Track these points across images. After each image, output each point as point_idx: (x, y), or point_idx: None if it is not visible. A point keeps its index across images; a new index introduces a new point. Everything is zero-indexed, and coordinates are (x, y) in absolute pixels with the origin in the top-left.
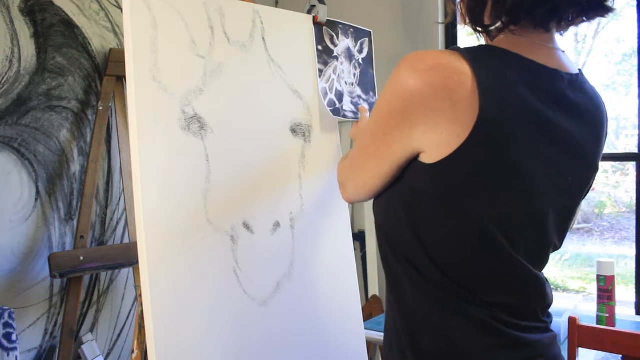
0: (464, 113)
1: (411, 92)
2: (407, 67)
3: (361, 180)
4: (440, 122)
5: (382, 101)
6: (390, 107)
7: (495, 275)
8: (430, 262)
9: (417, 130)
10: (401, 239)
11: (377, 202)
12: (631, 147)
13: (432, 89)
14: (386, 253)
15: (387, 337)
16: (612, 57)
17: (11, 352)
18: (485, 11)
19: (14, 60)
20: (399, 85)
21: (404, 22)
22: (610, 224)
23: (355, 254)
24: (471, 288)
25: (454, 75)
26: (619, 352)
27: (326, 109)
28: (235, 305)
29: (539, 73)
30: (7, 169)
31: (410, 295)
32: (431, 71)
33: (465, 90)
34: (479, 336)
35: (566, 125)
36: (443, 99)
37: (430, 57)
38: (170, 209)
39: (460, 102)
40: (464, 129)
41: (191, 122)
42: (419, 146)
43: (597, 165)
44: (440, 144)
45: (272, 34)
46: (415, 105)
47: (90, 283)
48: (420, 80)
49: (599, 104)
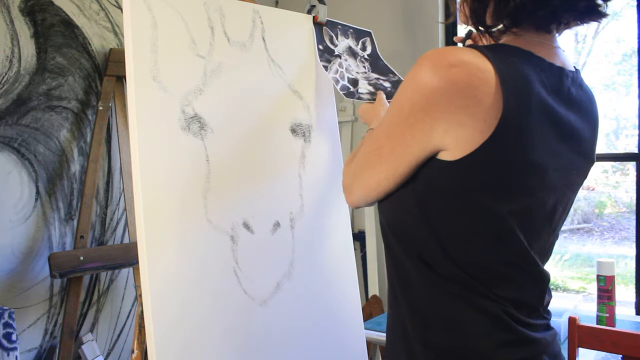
0: (487, 110)
1: (434, 90)
2: (429, 64)
3: (374, 182)
4: (464, 119)
5: (399, 100)
6: (410, 105)
7: (510, 270)
8: (447, 258)
9: (438, 129)
10: (414, 235)
11: (386, 200)
12: (631, 147)
13: (457, 86)
14: (395, 251)
15: (390, 335)
16: (612, 57)
17: (11, 352)
18: (487, 13)
19: (14, 60)
20: (420, 83)
21: (404, 22)
22: (610, 224)
23: (355, 254)
24: (487, 282)
25: (477, 72)
26: (619, 352)
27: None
28: (235, 305)
29: (550, 71)
30: (7, 169)
31: (421, 291)
32: (455, 68)
33: (489, 87)
34: (493, 331)
35: (572, 121)
36: (467, 96)
37: (452, 55)
38: (170, 209)
39: (484, 99)
40: (486, 125)
41: (191, 122)
42: (440, 144)
43: (594, 159)
44: (461, 140)
45: (272, 34)
46: (438, 103)
47: (90, 283)
48: (444, 78)
49: (594, 100)
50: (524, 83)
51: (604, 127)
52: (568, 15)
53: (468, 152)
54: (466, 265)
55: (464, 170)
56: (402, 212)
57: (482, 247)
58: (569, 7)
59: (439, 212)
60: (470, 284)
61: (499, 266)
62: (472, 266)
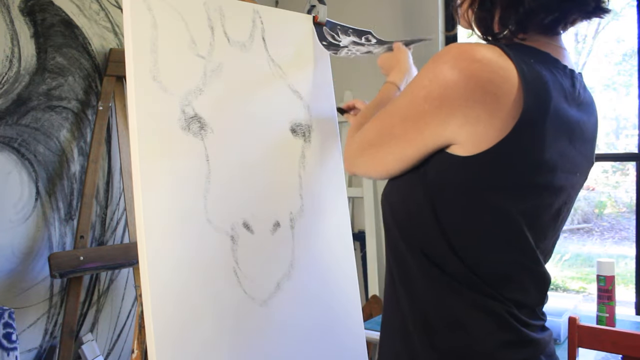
0: (506, 108)
1: (454, 83)
2: (453, 57)
3: (381, 160)
4: (481, 115)
5: (416, 86)
6: (426, 93)
7: (516, 269)
8: (455, 256)
9: (454, 121)
10: (421, 231)
11: (394, 195)
12: (631, 147)
13: (478, 81)
14: (398, 247)
15: (388, 334)
16: (612, 57)
17: (11, 352)
18: (494, 21)
19: (14, 60)
20: (440, 74)
21: (404, 22)
22: (610, 224)
23: (355, 254)
24: (494, 283)
25: (500, 70)
26: (619, 352)
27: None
28: (235, 305)
29: (564, 73)
30: (7, 169)
31: (424, 289)
32: (477, 64)
33: (509, 86)
34: (496, 331)
35: (579, 122)
36: (488, 92)
37: (475, 50)
38: (170, 209)
39: (504, 97)
40: (504, 123)
41: (191, 122)
42: (453, 137)
43: (594, 160)
44: (476, 136)
45: (272, 34)
46: (457, 96)
47: (90, 283)
48: (465, 72)
49: (594, 101)
50: (543, 84)
51: (604, 127)
52: (575, 16)
53: (483, 149)
54: (473, 263)
55: (478, 167)
56: (411, 207)
57: (490, 245)
58: (579, 9)
59: (448, 208)
60: (475, 282)
61: (505, 265)
62: (479, 264)
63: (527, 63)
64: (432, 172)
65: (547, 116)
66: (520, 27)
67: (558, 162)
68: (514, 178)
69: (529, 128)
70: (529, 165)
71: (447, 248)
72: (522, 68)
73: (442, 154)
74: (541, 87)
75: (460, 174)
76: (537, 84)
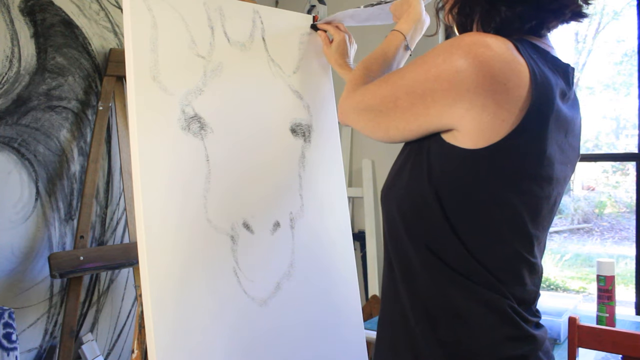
0: (513, 100)
1: (465, 68)
2: (467, 44)
3: (382, 127)
4: (488, 103)
5: (428, 64)
6: (437, 73)
7: (518, 262)
8: (463, 250)
9: (460, 106)
10: (426, 223)
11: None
12: (631, 147)
13: (490, 70)
14: (402, 243)
15: (386, 331)
16: (612, 57)
17: (11, 352)
18: (473, 27)
19: (14, 60)
20: (453, 58)
21: None
22: (610, 224)
23: (355, 254)
24: (499, 277)
25: (512, 63)
26: (619, 352)
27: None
28: (235, 305)
29: (562, 69)
30: (7, 169)
31: (426, 283)
32: (491, 53)
33: (519, 80)
34: (499, 326)
35: (572, 117)
36: (497, 82)
37: (493, 42)
38: (170, 209)
39: (513, 90)
40: (510, 115)
41: (191, 122)
42: (457, 122)
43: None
44: (481, 125)
45: (272, 34)
46: (467, 82)
47: (90, 283)
48: (477, 59)
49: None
50: (545, 79)
51: (604, 127)
52: (554, 23)
53: (488, 141)
54: (479, 256)
55: (485, 160)
56: (418, 199)
57: (495, 237)
58: (555, 17)
59: (456, 201)
60: (480, 275)
61: (509, 258)
62: (485, 257)
63: (533, 58)
64: (438, 166)
65: (551, 112)
66: (500, 33)
67: (556, 155)
68: (519, 170)
69: (536, 121)
70: (535, 157)
71: (456, 244)
72: (531, 64)
73: (446, 148)
74: (548, 83)
75: (468, 167)
76: (545, 80)
